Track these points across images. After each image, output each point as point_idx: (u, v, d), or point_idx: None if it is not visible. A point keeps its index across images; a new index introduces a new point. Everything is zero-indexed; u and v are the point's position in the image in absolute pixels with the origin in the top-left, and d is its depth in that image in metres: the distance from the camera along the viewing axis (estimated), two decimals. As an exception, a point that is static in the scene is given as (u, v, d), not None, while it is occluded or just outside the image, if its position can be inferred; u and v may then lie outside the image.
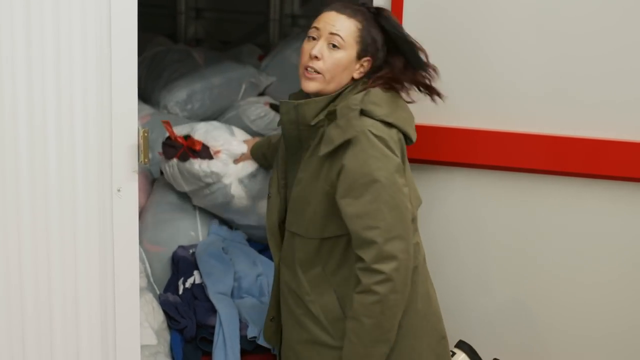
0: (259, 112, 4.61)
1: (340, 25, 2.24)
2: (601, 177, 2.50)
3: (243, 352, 2.88)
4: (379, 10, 2.31)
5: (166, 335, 2.98)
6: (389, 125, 2.21)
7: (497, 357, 2.52)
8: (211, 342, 2.91)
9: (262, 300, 3.10)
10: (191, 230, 3.55)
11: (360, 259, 2.14)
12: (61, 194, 2.34)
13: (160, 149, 3.35)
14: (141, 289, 2.82)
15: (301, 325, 2.35)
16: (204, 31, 5.97)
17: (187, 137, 3.15)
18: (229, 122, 4.56)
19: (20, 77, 2.24)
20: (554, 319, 2.64)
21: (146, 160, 2.37)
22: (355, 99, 2.21)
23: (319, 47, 2.24)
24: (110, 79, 2.30)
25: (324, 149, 2.20)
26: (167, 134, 3.23)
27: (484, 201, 2.22)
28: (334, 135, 2.19)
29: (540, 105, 2.51)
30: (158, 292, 3.20)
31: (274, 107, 4.68)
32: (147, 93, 4.63)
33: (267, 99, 4.76)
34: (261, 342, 2.87)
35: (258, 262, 3.30)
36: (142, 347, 2.66)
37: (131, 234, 2.42)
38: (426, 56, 2.28)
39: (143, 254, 3.31)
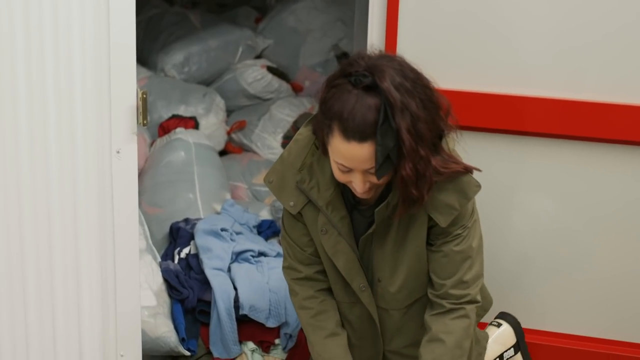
0: (256, 75, 4.60)
1: (371, 157, 1.89)
2: (605, 140, 2.51)
3: (240, 321, 2.90)
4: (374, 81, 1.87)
5: (165, 297, 3.00)
6: None
7: (503, 311, 2.57)
8: (209, 313, 2.94)
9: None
10: (190, 193, 3.56)
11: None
12: (60, 155, 2.34)
13: (157, 111, 3.22)
14: (140, 251, 2.83)
15: None
16: (200, -7, 5.91)
17: None
18: (226, 85, 4.58)
19: (19, 39, 2.23)
20: (557, 277, 2.68)
21: (145, 122, 2.37)
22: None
23: (361, 184, 1.95)
24: (108, 40, 2.28)
25: (446, 219, 2.04)
26: None
27: (488, 163, 2.23)
28: (452, 201, 2.03)
29: (546, 69, 2.50)
30: (157, 254, 3.22)
31: (271, 70, 4.67)
32: (144, 56, 4.61)
33: (263, 61, 4.74)
34: (252, 316, 2.90)
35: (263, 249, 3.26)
36: (142, 308, 2.69)
37: (131, 196, 2.42)
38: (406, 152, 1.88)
39: (142, 216, 3.31)
